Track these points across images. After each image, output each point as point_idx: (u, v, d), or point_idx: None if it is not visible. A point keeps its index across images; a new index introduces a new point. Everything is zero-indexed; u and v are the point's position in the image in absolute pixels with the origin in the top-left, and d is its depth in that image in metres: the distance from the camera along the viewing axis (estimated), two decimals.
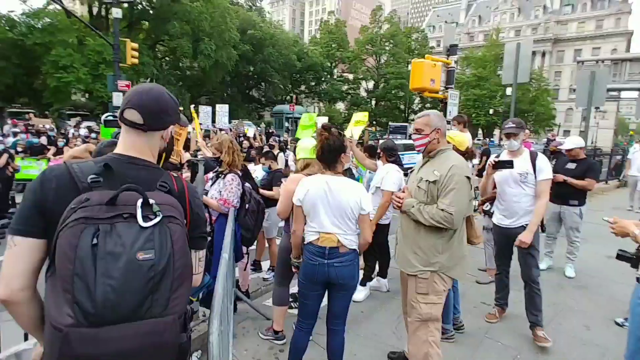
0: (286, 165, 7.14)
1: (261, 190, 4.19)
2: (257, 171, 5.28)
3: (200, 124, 7.66)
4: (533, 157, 3.31)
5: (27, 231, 1.05)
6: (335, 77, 50.24)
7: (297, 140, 9.54)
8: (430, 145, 2.48)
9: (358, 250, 2.52)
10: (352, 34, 52.84)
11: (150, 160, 1.23)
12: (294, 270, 2.77)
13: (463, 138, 3.48)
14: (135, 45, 14.03)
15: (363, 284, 4.39)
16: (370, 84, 50.61)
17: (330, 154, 2.46)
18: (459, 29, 68.94)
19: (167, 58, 35.78)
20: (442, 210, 2.30)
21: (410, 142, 17.36)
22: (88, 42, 24.32)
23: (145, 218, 0.99)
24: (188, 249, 1.08)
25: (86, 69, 23.77)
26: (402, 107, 48.87)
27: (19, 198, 8.75)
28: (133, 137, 1.21)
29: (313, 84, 48.81)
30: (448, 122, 6.99)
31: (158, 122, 1.23)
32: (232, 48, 33.98)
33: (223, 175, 3.40)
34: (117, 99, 12.49)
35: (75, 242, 0.92)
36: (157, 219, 1.00)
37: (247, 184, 3.47)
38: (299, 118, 29.96)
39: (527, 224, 3.29)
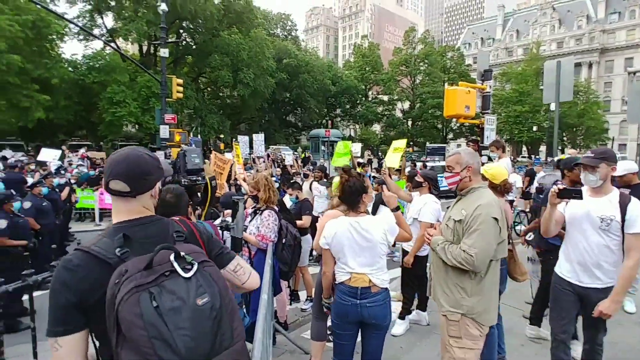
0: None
1: None
2: (285, 201, 5.43)
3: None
4: (624, 201, 2.54)
5: (69, 330, 1.10)
6: (370, 99, 50.60)
7: (312, 166, 9.63)
8: (462, 183, 2.44)
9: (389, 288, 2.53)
10: (385, 56, 53.36)
11: (151, 215, 1.29)
12: (325, 310, 2.80)
13: (497, 171, 3.33)
14: (180, 80, 15.02)
15: (402, 317, 4.29)
16: (406, 105, 50.37)
17: (351, 196, 2.52)
18: (495, 45, 67.53)
19: (208, 89, 37.87)
20: (464, 251, 2.22)
21: None
22: (139, 79, 26.38)
23: (184, 269, 1.07)
24: (227, 284, 1.18)
25: (137, 103, 25.70)
26: (439, 126, 47.97)
27: (75, 226, 9.48)
28: (125, 204, 1.25)
29: (348, 106, 49.43)
30: (485, 148, 6.82)
31: (143, 185, 1.26)
32: (269, 76, 35.43)
33: (260, 212, 3.53)
34: (164, 131, 13.35)
35: (138, 311, 0.98)
36: (195, 267, 1.09)
37: (283, 220, 3.58)
38: (335, 141, 30.11)
39: (607, 287, 2.58)
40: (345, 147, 8.79)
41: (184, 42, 33.37)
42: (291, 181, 5.73)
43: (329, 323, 3.48)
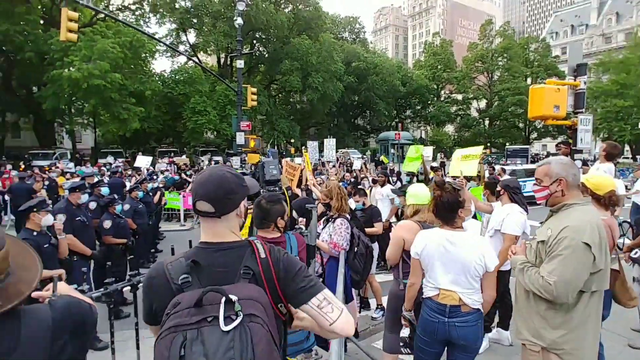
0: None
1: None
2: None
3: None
4: None
5: (155, 322, 1.19)
6: (442, 99, 48.49)
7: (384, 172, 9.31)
8: (552, 198, 2.12)
9: (482, 309, 2.34)
10: (459, 53, 50.71)
11: (232, 240, 1.27)
12: (403, 322, 2.70)
13: (601, 180, 2.88)
14: (255, 89, 15.88)
15: None
16: (482, 103, 47.30)
17: (445, 212, 2.38)
18: (589, 32, 60.28)
19: (279, 95, 39.46)
20: (542, 277, 1.94)
21: (533, 166, 15.55)
22: (217, 88, 28.47)
23: (228, 319, 1.02)
24: (273, 348, 1.07)
25: (215, 111, 27.76)
26: (521, 125, 44.17)
27: (164, 226, 10.46)
28: (211, 225, 1.26)
29: (419, 107, 47.94)
30: (579, 152, 6.05)
31: (228, 205, 1.25)
32: (338, 80, 35.80)
33: (333, 220, 3.55)
34: (240, 137, 14.19)
35: (166, 354, 0.98)
36: (238, 321, 1.02)
37: (355, 229, 3.56)
38: (405, 144, 29.41)
39: None
40: (417, 151, 8.50)
41: (257, 52, 35.23)
42: (358, 187, 5.69)
43: (402, 334, 3.37)
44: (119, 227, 5.18)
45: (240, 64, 15.63)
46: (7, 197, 10.16)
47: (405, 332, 3.42)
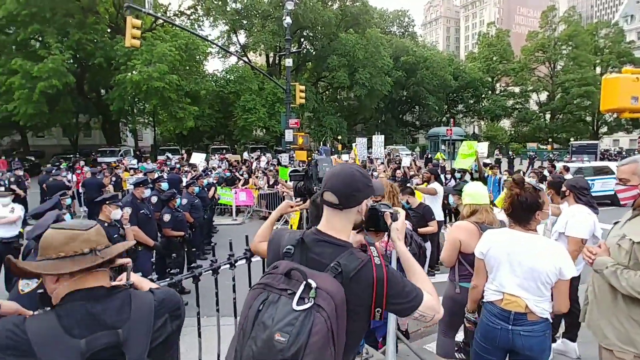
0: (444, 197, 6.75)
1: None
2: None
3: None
4: None
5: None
6: (497, 92, 45.91)
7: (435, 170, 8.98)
8: None
9: (550, 319, 2.17)
10: (517, 43, 47.63)
11: (340, 238, 1.33)
12: (467, 324, 2.57)
13: None
14: (303, 87, 16.06)
15: None
16: (543, 96, 44.11)
17: (523, 212, 2.20)
18: None
19: (326, 92, 39.59)
20: None
21: (603, 164, 14.17)
22: (266, 87, 29.20)
23: (300, 300, 1.10)
24: (328, 345, 1.10)
25: (265, 109, 28.50)
26: (588, 119, 40.60)
27: (217, 220, 10.91)
28: (332, 215, 1.36)
29: (472, 102, 45.78)
30: None
31: (351, 201, 1.34)
32: (386, 75, 35.18)
33: None
34: (289, 135, 14.44)
35: (251, 303, 1.16)
36: (307, 305, 1.09)
37: (408, 227, 3.45)
38: (457, 140, 28.22)
39: None
40: (470, 147, 8.10)
41: (305, 49, 35.60)
42: (406, 185, 5.54)
43: (456, 339, 3.24)
44: (177, 220, 5.48)
45: (288, 62, 15.89)
46: (81, 190, 11.19)
47: (460, 337, 3.27)
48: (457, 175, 9.20)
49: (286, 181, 8.73)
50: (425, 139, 39.10)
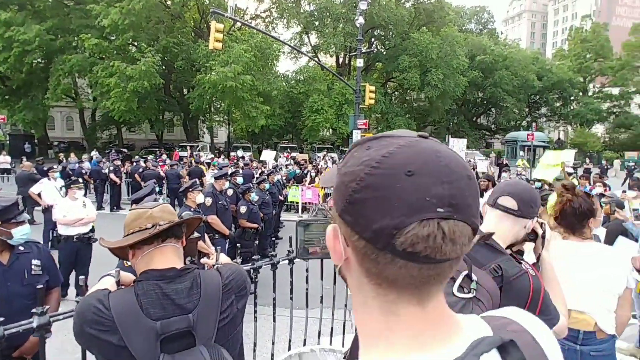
0: None
1: None
2: None
3: None
4: None
5: None
6: (590, 94, 41.19)
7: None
8: None
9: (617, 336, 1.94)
10: (618, 38, 42.22)
11: (499, 245, 1.34)
12: None
13: None
14: (373, 88, 15.87)
15: None
16: None
17: (574, 218, 2.00)
18: None
19: (396, 93, 38.72)
20: None
21: None
22: (335, 87, 29.42)
23: (460, 288, 1.08)
24: None
25: (332, 109, 28.73)
26: None
27: (284, 216, 11.23)
28: (502, 220, 1.37)
29: (558, 104, 41.58)
30: None
31: (531, 213, 1.38)
32: (460, 75, 33.43)
33: None
34: (356, 135, 14.35)
35: None
36: (468, 295, 1.07)
37: None
38: (539, 147, 25.86)
39: None
40: (556, 158, 7.33)
41: (375, 49, 35.17)
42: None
43: None
44: (252, 212, 5.74)
45: (359, 62, 15.80)
46: (163, 180, 12.32)
47: None
48: (537, 184, 8.39)
49: None
50: (502, 144, 36.40)
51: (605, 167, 22.71)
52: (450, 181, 0.45)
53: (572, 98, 40.61)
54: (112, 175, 11.55)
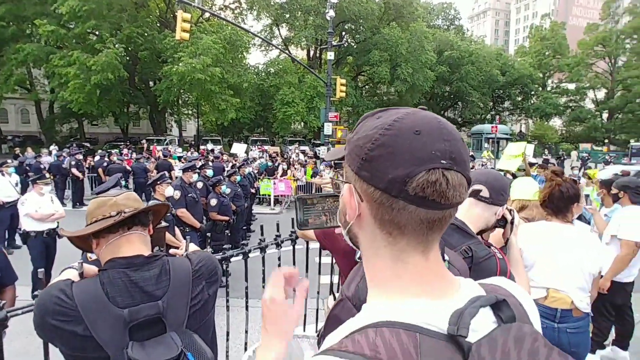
0: None
1: None
2: None
3: None
4: None
5: None
6: (548, 89, 43.28)
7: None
8: None
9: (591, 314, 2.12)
10: (573, 36, 44.51)
11: (472, 230, 1.43)
12: None
13: None
14: (344, 81, 16.02)
15: (592, 351, 3.56)
16: (601, 94, 41.08)
17: (561, 202, 2.16)
18: None
19: (366, 86, 39.13)
20: None
21: None
22: (306, 80, 29.34)
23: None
24: None
25: (303, 102, 28.66)
26: None
27: (256, 209, 11.22)
28: (474, 207, 1.46)
29: (519, 99, 43.45)
30: None
31: (500, 198, 1.45)
32: (429, 70, 34.22)
33: None
34: (328, 128, 14.48)
35: None
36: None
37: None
38: (502, 139, 26.85)
39: None
40: (518, 149, 7.75)
41: (346, 43, 35.30)
42: None
43: None
44: (222, 205, 5.73)
45: (330, 55, 15.88)
46: (130, 175, 12.02)
47: None
48: (501, 174, 8.82)
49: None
50: (468, 137, 37.69)
51: (563, 158, 24.04)
52: (450, 140, 0.54)
53: (532, 93, 42.56)
54: (74, 170, 11.09)
